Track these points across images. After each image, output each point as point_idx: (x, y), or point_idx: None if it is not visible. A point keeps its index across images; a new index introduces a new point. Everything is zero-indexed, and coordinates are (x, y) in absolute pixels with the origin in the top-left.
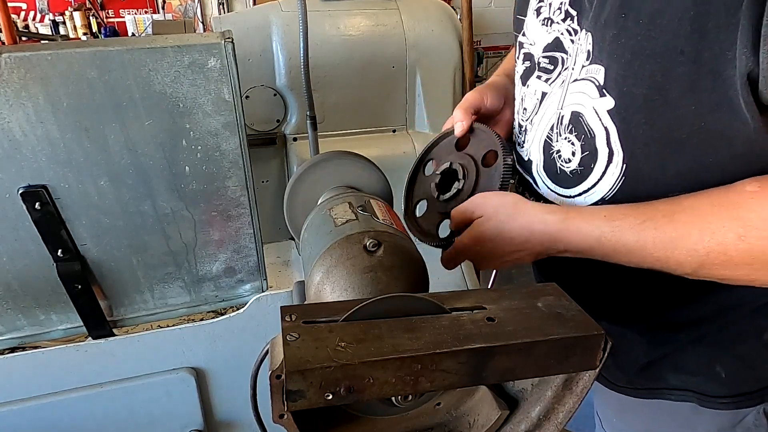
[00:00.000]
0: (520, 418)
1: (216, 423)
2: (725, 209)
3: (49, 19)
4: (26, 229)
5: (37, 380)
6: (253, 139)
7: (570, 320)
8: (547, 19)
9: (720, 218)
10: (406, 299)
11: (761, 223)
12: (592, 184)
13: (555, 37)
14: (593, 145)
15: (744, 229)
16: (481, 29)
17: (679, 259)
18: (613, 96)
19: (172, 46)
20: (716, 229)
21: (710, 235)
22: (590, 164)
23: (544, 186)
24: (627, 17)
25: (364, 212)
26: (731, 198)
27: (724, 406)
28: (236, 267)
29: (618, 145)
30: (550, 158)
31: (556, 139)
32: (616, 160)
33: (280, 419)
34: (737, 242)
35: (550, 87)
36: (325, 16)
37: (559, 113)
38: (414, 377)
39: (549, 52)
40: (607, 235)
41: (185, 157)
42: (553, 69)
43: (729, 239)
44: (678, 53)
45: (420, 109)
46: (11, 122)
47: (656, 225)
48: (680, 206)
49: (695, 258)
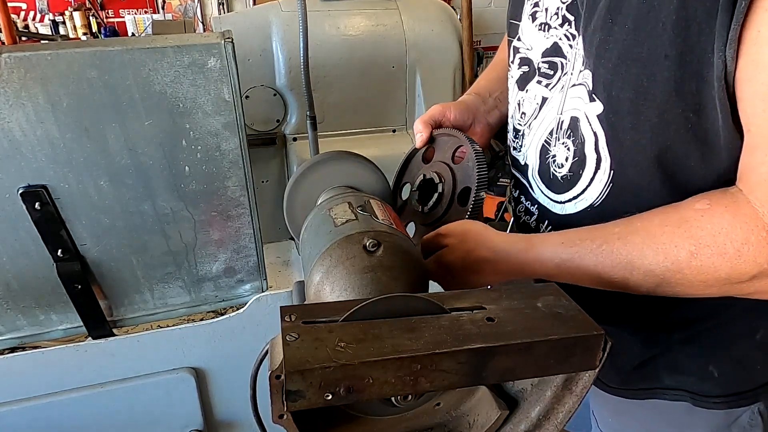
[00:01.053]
0: (520, 418)
1: (216, 423)
2: (677, 228)
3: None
4: (26, 229)
5: (37, 380)
6: (253, 139)
7: (570, 320)
8: (544, 24)
9: (672, 237)
10: (406, 299)
11: (711, 239)
12: (581, 190)
13: (554, 42)
14: (583, 151)
15: (696, 247)
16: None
17: (638, 280)
18: (601, 100)
19: (172, 46)
20: (669, 249)
21: (664, 255)
22: (579, 170)
23: (538, 190)
24: (614, 22)
25: (363, 212)
26: (682, 216)
27: (718, 405)
28: (236, 267)
29: (606, 151)
30: (545, 163)
31: (554, 144)
32: (603, 167)
33: (279, 419)
34: (690, 260)
35: (550, 92)
36: (325, 16)
37: (559, 118)
38: (414, 377)
39: (548, 57)
40: (567, 262)
41: (185, 157)
42: (554, 74)
43: (682, 257)
44: (663, 57)
45: (420, 109)
46: (11, 122)
47: (612, 248)
48: (633, 228)
49: (652, 278)
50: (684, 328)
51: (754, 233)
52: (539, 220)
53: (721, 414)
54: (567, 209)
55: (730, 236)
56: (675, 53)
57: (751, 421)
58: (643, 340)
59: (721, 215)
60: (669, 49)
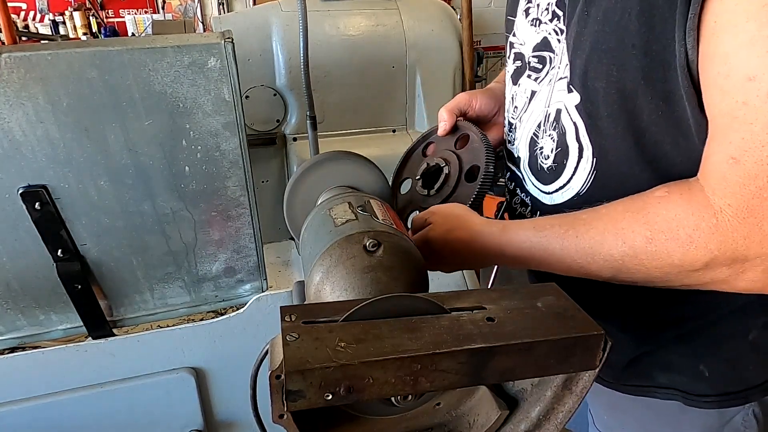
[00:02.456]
0: (520, 418)
1: (216, 423)
2: (635, 214)
3: (49, 19)
4: (26, 229)
5: (37, 380)
6: (253, 139)
7: (570, 320)
8: (536, 19)
9: (630, 223)
10: (406, 299)
11: (666, 224)
12: (566, 180)
13: (543, 37)
14: (565, 141)
15: (651, 232)
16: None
17: (599, 265)
18: (578, 91)
19: (172, 46)
20: (627, 234)
21: (622, 240)
22: (563, 160)
23: (529, 182)
24: (588, 15)
25: (363, 212)
26: (641, 203)
27: (709, 405)
28: (236, 267)
29: (587, 140)
30: (534, 155)
31: (541, 136)
32: (586, 155)
33: (279, 419)
34: (646, 245)
35: (539, 86)
36: (325, 16)
37: (546, 111)
38: (414, 377)
39: (538, 51)
40: (536, 246)
41: (185, 157)
42: (542, 68)
43: (638, 243)
44: (630, 47)
45: (420, 109)
46: (11, 122)
47: (577, 233)
48: (598, 214)
49: (612, 264)
50: (676, 326)
51: (705, 220)
52: (533, 211)
53: (714, 414)
54: (555, 199)
55: (683, 222)
56: (641, 42)
57: (745, 422)
58: (635, 337)
59: (676, 202)
60: (635, 38)
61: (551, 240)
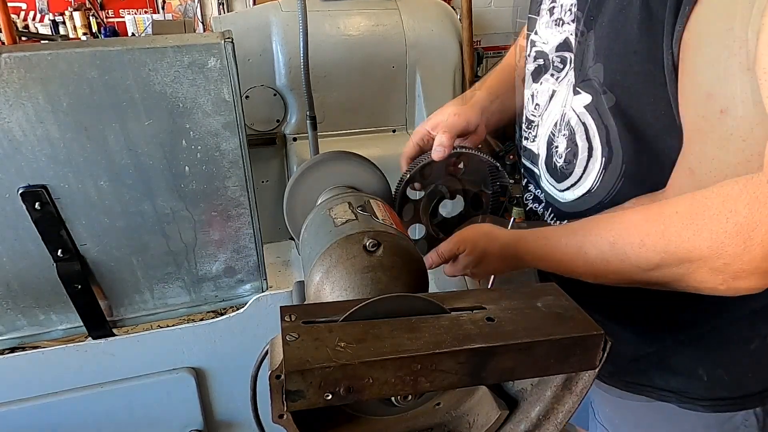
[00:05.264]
0: (520, 418)
1: (216, 423)
2: (605, 222)
3: (49, 19)
4: (26, 229)
5: (37, 380)
6: (253, 139)
7: (570, 320)
8: (559, 19)
9: (599, 229)
10: (406, 299)
11: (625, 231)
12: (577, 178)
13: (565, 37)
14: (575, 141)
15: (614, 237)
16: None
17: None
18: (587, 92)
19: (172, 46)
20: (596, 240)
21: (593, 245)
22: (574, 159)
23: (544, 179)
24: (595, 20)
25: (363, 212)
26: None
27: (703, 408)
28: (236, 267)
29: (597, 140)
30: (550, 153)
31: (557, 135)
32: (595, 155)
33: (279, 419)
34: (610, 248)
35: (558, 85)
36: (325, 16)
37: (563, 111)
38: (414, 377)
39: (560, 51)
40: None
41: (185, 157)
42: (563, 68)
43: (605, 247)
44: (633, 53)
45: (420, 109)
46: (11, 122)
47: (567, 241)
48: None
49: (590, 269)
50: (680, 330)
51: (655, 227)
52: (546, 207)
53: (711, 417)
54: (566, 197)
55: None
56: (643, 48)
57: (745, 422)
58: (638, 338)
59: (635, 212)
60: (638, 45)
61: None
